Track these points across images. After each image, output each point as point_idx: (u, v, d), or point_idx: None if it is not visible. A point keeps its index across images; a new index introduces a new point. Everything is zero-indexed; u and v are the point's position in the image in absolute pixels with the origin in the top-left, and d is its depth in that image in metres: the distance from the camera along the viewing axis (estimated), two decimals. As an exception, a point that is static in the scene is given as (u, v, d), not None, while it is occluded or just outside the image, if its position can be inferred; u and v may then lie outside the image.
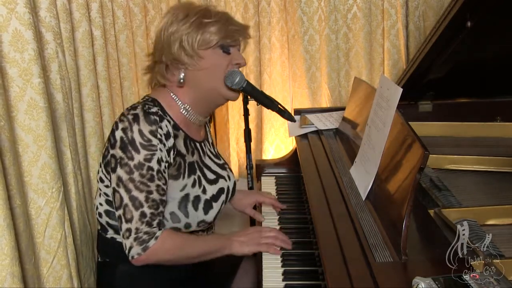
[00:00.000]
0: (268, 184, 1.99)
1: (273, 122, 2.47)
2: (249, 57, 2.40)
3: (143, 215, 1.31)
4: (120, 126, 1.33)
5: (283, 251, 1.44)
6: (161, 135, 1.34)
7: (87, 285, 1.64)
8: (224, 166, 1.60)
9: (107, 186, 1.43)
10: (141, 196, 1.31)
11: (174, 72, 1.42)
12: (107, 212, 1.45)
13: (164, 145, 1.35)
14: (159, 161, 1.33)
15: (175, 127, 1.42)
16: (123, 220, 1.32)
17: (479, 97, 2.09)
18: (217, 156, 1.61)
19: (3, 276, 1.12)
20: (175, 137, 1.40)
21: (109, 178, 1.40)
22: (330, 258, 1.13)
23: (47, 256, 1.39)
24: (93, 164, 1.71)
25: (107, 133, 1.79)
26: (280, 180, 2.03)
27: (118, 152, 1.32)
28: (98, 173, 1.46)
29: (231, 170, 1.63)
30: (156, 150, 1.32)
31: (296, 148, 2.00)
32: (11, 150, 1.23)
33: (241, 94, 1.82)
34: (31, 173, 1.34)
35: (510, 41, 1.75)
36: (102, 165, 1.43)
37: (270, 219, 1.68)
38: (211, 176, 1.50)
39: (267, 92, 1.92)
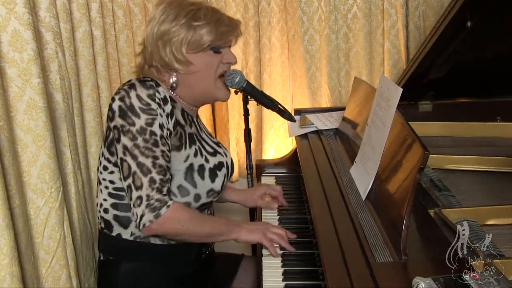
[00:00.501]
0: (268, 184, 1.99)
1: (273, 122, 2.47)
2: (249, 57, 2.40)
3: (152, 181, 1.30)
4: (117, 97, 1.34)
5: (283, 251, 1.44)
6: (159, 100, 1.35)
7: (87, 285, 1.64)
8: (219, 144, 1.61)
9: (111, 172, 1.41)
10: (147, 162, 1.30)
11: (164, 74, 1.43)
12: (114, 205, 1.43)
13: (163, 110, 1.35)
14: (160, 127, 1.33)
15: (171, 99, 1.42)
16: (133, 188, 1.31)
17: (479, 97, 2.09)
18: (211, 135, 1.62)
19: (2, 276, 1.12)
20: (173, 107, 1.40)
21: (113, 161, 1.39)
22: (330, 258, 1.13)
23: (46, 256, 1.39)
24: (93, 164, 1.71)
25: (106, 132, 1.79)
26: (280, 180, 2.03)
27: (118, 121, 1.32)
28: (100, 164, 1.44)
29: (225, 148, 1.63)
30: (157, 115, 1.33)
31: (296, 148, 2.00)
32: (10, 150, 1.23)
33: (241, 94, 1.83)
34: (30, 173, 1.34)
35: (510, 41, 1.75)
36: (105, 150, 1.41)
37: (270, 219, 1.67)
38: (209, 149, 1.51)
39: (267, 92, 1.92)
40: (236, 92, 1.80)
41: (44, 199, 1.37)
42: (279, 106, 1.79)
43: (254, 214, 2.03)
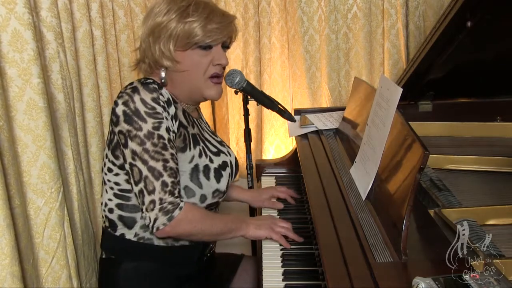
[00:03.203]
0: (268, 184, 1.99)
1: (273, 122, 2.47)
2: (249, 57, 2.40)
3: (164, 184, 1.30)
4: (120, 101, 1.32)
5: (283, 251, 1.44)
6: (163, 102, 1.34)
7: (89, 285, 1.64)
8: (222, 143, 1.60)
9: (116, 174, 1.41)
10: (158, 166, 1.30)
11: (156, 71, 1.43)
12: (119, 206, 1.43)
13: (168, 113, 1.35)
14: (167, 130, 1.32)
15: (173, 100, 1.42)
16: (145, 192, 1.30)
17: (479, 97, 2.09)
18: (214, 134, 1.62)
19: (3, 276, 1.12)
20: (176, 108, 1.40)
21: (118, 164, 1.39)
22: (330, 258, 1.13)
23: (46, 256, 1.39)
24: (94, 164, 1.71)
25: (107, 133, 1.79)
26: (280, 180, 2.03)
27: (124, 126, 1.31)
28: (105, 165, 1.44)
29: (229, 147, 1.63)
30: (163, 119, 1.32)
31: (296, 148, 2.00)
32: (10, 150, 1.23)
33: (241, 94, 1.83)
34: (30, 173, 1.34)
35: (510, 41, 1.74)
36: (109, 153, 1.41)
37: (270, 219, 1.67)
38: (213, 148, 1.50)
39: (267, 92, 1.93)
40: (236, 92, 1.81)
41: (44, 199, 1.37)
42: (279, 106, 1.79)
43: (254, 212, 2.03)
